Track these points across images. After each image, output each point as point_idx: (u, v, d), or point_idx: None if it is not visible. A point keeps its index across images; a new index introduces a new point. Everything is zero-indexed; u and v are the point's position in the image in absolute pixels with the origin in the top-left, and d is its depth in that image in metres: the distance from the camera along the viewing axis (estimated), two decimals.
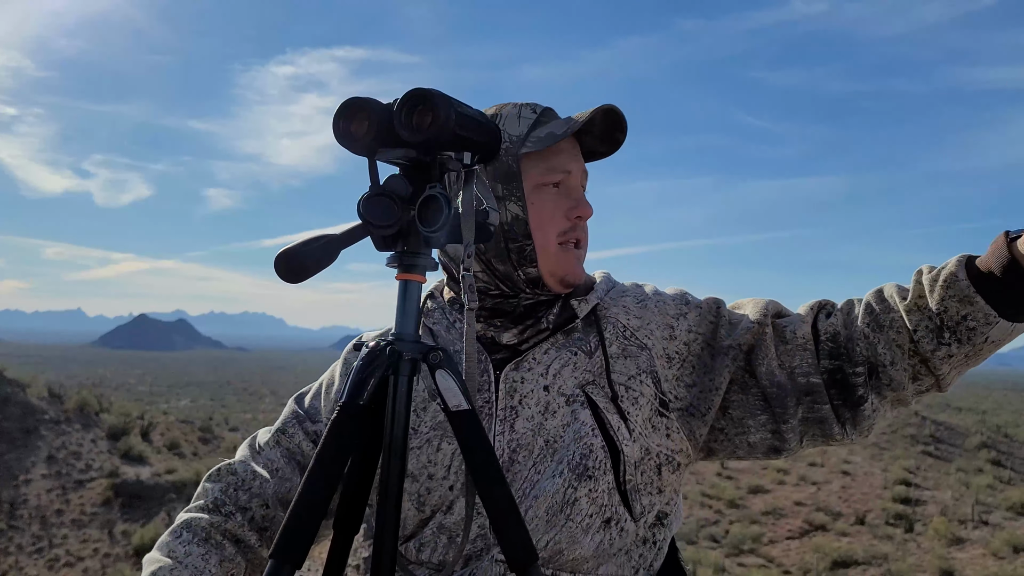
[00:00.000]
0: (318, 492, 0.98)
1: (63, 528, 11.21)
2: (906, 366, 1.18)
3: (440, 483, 1.20)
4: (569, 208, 1.23)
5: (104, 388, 42.37)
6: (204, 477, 1.33)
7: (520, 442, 1.19)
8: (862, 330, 1.19)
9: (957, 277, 1.11)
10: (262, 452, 1.34)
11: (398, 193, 1.01)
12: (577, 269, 1.26)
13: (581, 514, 1.17)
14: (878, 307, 1.20)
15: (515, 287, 1.23)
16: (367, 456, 1.08)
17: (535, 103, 1.25)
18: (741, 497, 14.79)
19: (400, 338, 1.03)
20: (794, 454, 1.27)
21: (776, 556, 11.88)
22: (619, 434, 1.19)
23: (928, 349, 1.15)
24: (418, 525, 1.22)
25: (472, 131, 1.06)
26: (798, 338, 1.23)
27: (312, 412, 1.36)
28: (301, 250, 0.97)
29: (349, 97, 1.02)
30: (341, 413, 1.00)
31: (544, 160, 1.22)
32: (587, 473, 1.17)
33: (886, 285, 1.22)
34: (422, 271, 1.04)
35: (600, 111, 1.20)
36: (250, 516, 1.27)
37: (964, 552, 11.76)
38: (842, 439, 1.23)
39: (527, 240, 1.21)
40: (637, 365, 1.24)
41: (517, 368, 1.23)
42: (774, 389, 1.22)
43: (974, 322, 1.11)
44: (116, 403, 17.70)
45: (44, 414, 13.74)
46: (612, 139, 1.28)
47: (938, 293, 1.12)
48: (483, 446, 1.01)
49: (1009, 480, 17.21)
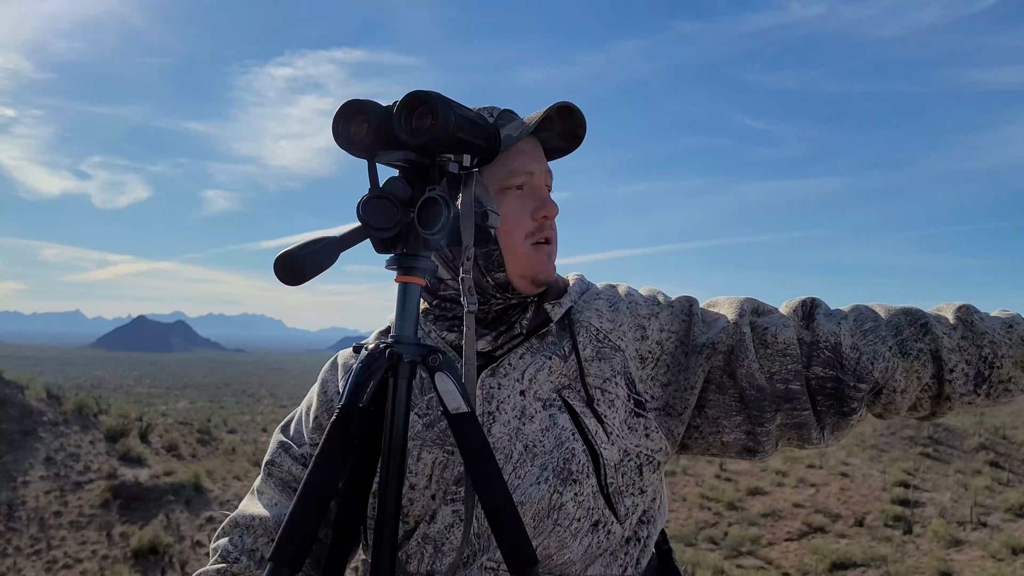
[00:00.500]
0: (316, 494, 0.98)
1: (61, 530, 11.18)
2: (915, 396, 1.20)
3: (422, 493, 1.19)
4: (534, 209, 1.22)
5: (102, 390, 42.31)
6: (213, 538, 1.33)
7: (497, 447, 1.18)
8: (883, 352, 1.19)
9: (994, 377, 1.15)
10: (259, 495, 1.34)
11: (397, 195, 1.01)
12: (548, 266, 1.24)
13: (569, 518, 1.16)
14: (909, 331, 1.20)
15: (484, 293, 1.21)
16: (366, 458, 1.08)
17: (492, 106, 1.23)
18: (740, 499, 14.78)
19: (399, 340, 1.03)
20: (768, 456, 1.27)
21: (775, 558, 11.87)
22: (596, 438, 1.18)
23: (957, 392, 1.18)
24: (403, 537, 1.21)
25: (471, 133, 1.06)
26: (779, 342, 1.22)
27: (296, 437, 1.35)
28: (300, 253, 0.97)
29: (348, 100, 1.02)
30: (340, 415, 1.00)
31: (505, 163, 1.21)
32: (571, 477, 1.16)
33: (912, 307, 1.23)
34: (421, 273, 1.04)
35: (553, 109, 1.18)
36: (259, 556, 1.26)
37: (963, 554, 11.76)
38: (818, 444, 1.23)
39: (494, 245, 1.19)
40: (611, 367, 1.24)
41: (493, 374, 1.21)
42: (753, 392, 1.21)
43: (1014, 386, 1.16)
44: (115, 405, 17.66)
45: (42, 416, 13.71)
46: (573, 135, 1.26)
47: (1004, 348, 1.15)
48: (483, 449, 1.01)
49: (1007, 482, 17.21)
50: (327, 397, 1.33)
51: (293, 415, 1.40)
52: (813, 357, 1.21)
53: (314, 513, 0.98)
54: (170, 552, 11.03)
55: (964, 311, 1.20)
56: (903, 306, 1.24)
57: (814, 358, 1.21)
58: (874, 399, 1.22)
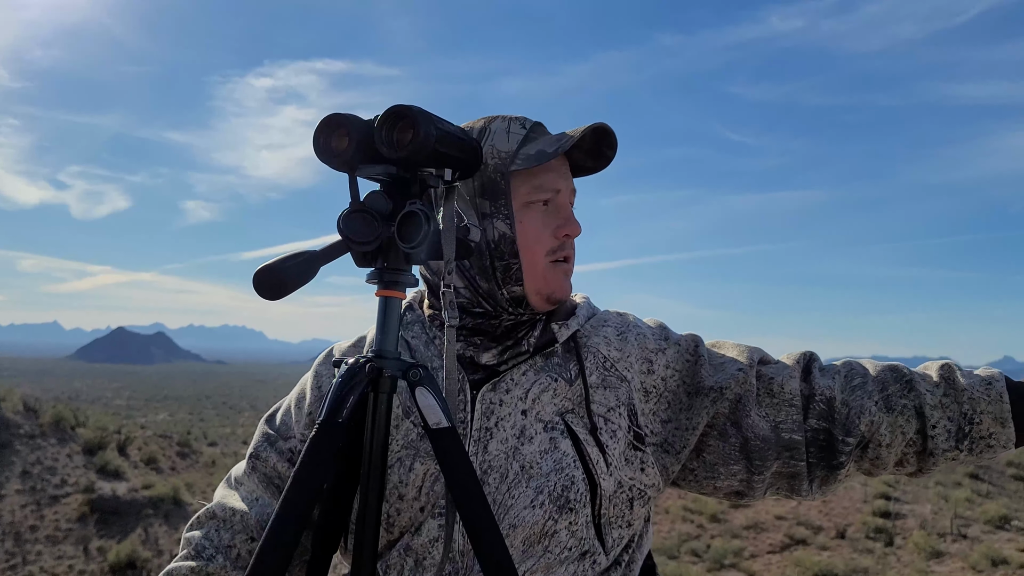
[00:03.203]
0: (295, 511, 0.97)
1: (38, 544, 11.02)
2: (900, 451, 1.23)
3: (411, 504, 1.17)
4: (557, 226, 1.21)
5: (80, 402, 41.81)
6: (185, 528, 1.28)
7: (492, 464, 1.16)
8: (869, 407, 1.21)
9: (1003, 399, 1.19)
10: (239, 486, 1.30)
11: (378, 209, 1.01)
12: (565, 285, 1.24)
13: (560, 546, 1.14)
14: (894, 388, 1.23)
15: (497, 306, 1.21)
16: (347, 474, 1.07)
17: (524, 117, 1.22)
18: (722, 511, 14.80)
19: (380, 355, 1.03)
20: (756, 501, 1.27)
21: (758, 570, 11.88)
22: (597, 467, 1.16)
23: (940, 447, 1.20)
24: (385, 546, 1.20)
25: (452, 148, 1.06)
26: (785, 393, 1.23)
27: (284, 430, 1.31)
28: (280, 267, 0.97)
29: (330, 113, 1.02)
30: (320, 431, 0.99)
31: (533, 178, 1.20)
32: (568, 506, 1.14)
33: (899, 365, 1.26)
34: (402, 288, 1.04)
35: (590, 129, 1.17)
36: (235, 554, 1.22)
37: (943, 565, 11.82)
38: (806, 496, 1.24)
39: (513, 259, 1.18)
40: (616, 397, 1.22)
41: (494, 389, 1.20)
42: (758, 442, 1.21)
43: (995, 441, 1.19)
44: (92, 417, 17.46)
45: (19, 428, 13.53)
46: (600, 154, 1.25)
47: (983, 405, 1.19)
48: (463, 465, 1.00)
49: (987, 494, 17.34)
50: (321, 393, 1.28)
51: (280, 405, 1.36)
52: (809, 409, 1.23)
53: (292, 530, 0.97)
54: (148, 567, 10.89)
55: (946, 369, 1.24)
56: (890, 363, 1.27)
57: (810, 410, 1.23)
58: (862, 454, 1.24)
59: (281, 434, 1.30)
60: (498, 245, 1.19)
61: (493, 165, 1.18)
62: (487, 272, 1.19)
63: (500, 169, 1.18)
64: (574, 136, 1.16)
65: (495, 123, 1.21)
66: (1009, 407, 1.19)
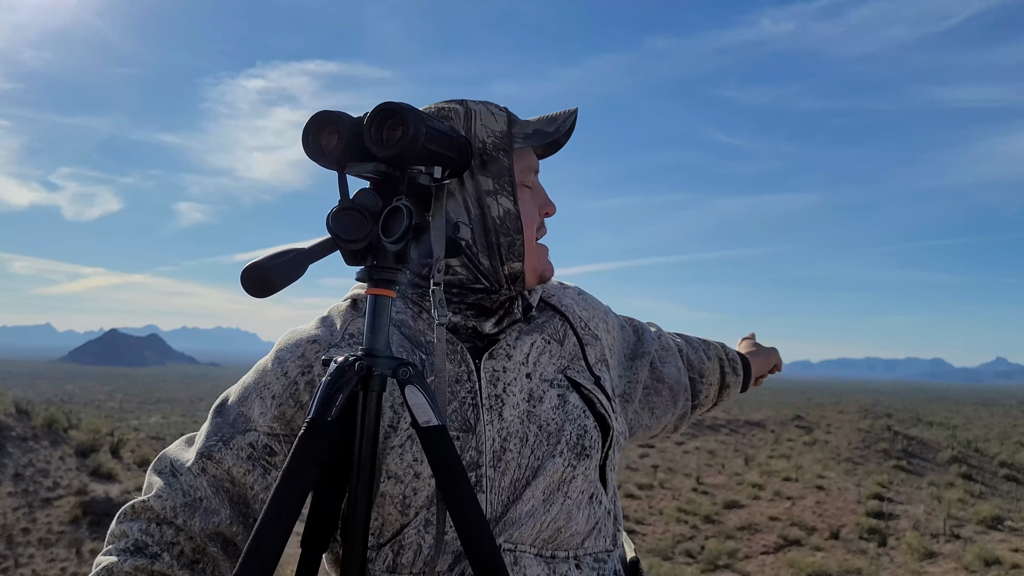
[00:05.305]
0: (283, 511, 0.96)
1: (29, 547, 10.97)
2: (716, 391, 1.68)
3: (427, 481, 1.11)
4: (541, 205, 1.26)
5: (73, 404, 41.66)
6: (115, 518, 1.17)
7: (509, 430, 1.16)
8: (703, 358, 1.64)
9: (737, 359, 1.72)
10: (181, 476, 1.17)
11: (367, 207, 1.01)
12: (550, 264, 1.28)
13: (576, 491, 1.17)
14: (703, 347, 1.67)
15: (497, 282, 1.21)
16: (336, 473, 1.06)
17: (493, 102, 1.23)
18: (717, 512, 14.80)
19: (370, 353, 1.02)
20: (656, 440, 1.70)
21: (752, 571, 11.89)
22: (608, 411, 1.24)
23: (729, 384, 1.70)
24: (399, 529, 1.13)
25: (442, 146, 1.05)
26: (673, 348, 1.56)
27: (242, 422, 1.18)
28: (268, 264, 0.96)
29: (319, 111, 1.02)
30: (308, 430, 0.99)
31: (523, 158, 1.23)
32: (584, 452, 1.19)
33: (714, 343, 1.72)
34: (392, 286, 1.04)
35: (570, 123, 1.24)
36: (178, 551, 1.13)
37: (936, 566, 11.85)
38: (677, 431, 1.62)
39: (518, 234, 1.19)
40: (596, 353, 1.32)
41: (492, 356, 1.21)
42: (678, 387, 1.53)
43: (731, 390, 1.70)
44: (85, 419, 17.39)
45: (11, 431, 13.47)
46: (556, 143, 1.31)
47: (729, 370, 1.69)
48: (454, 462, 1.00)
49: (980, 494, 17.40)
50: (288, 380, 1.18)
51: (233, 393, 1.23)
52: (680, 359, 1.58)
53: (280, 531, 0.96)
54: None
55: (720, 348, 1.71)
56: (717, 342, 1.74)
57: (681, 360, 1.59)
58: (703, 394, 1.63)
59: (238, 427, 1.18)
60: (503, 221, 1.19)
61: (491, 143, 1.18)
62: (492, 248, 1.19)
63: (501, 147, 1.19)
64: (565, 120, 1.24)
65: (475, 105, 1.21)
66: (740, 363, 1.71)
